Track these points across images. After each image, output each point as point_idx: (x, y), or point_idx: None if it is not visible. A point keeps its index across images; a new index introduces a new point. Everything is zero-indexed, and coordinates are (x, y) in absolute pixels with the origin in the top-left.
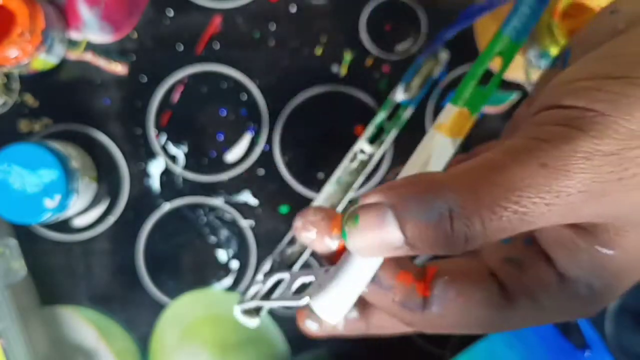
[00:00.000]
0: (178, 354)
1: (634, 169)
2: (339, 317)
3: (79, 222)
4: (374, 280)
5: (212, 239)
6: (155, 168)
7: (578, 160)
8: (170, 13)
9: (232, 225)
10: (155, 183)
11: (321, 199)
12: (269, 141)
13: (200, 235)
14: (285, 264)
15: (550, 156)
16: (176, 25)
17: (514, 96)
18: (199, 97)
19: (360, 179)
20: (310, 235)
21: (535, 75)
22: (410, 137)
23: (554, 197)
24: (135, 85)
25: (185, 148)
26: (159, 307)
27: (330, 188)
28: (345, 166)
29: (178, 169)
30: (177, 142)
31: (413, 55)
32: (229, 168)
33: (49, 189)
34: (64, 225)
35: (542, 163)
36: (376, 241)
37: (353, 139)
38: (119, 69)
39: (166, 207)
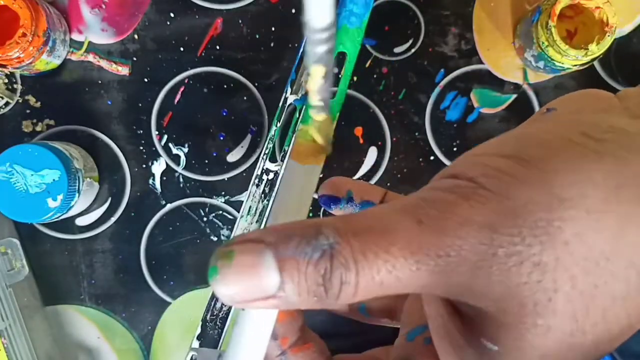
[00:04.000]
0: (180, 352)
1: (509, 248)
2: None
3: (81, 221)
4: None
5: (213, 238)
6: (157, 168)
7: (452, 223)
8: (172, 15)
9: (233, 225)
10: (156, 183)
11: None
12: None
13: (202, 234)
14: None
15: (426, 214)
16: (177, 26)
17: (512, 98)
18: (200, 98)
19: (272, 202)
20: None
21: (532, 75)
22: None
23: (424, 255)
24: (136, 86)
25: (186, 148)
26: (160, 306)
27: (243, 222)
28: (253, 193)
29: (179, 169)
30: (178, 142)
31: (412, 56)
32: (230, 168)
33: (52, 189)
34: (66, 225)
35: (418, 219)
36: (250, 284)
37: (353, 140)
38: (120, 70)
39: (167, 207)
